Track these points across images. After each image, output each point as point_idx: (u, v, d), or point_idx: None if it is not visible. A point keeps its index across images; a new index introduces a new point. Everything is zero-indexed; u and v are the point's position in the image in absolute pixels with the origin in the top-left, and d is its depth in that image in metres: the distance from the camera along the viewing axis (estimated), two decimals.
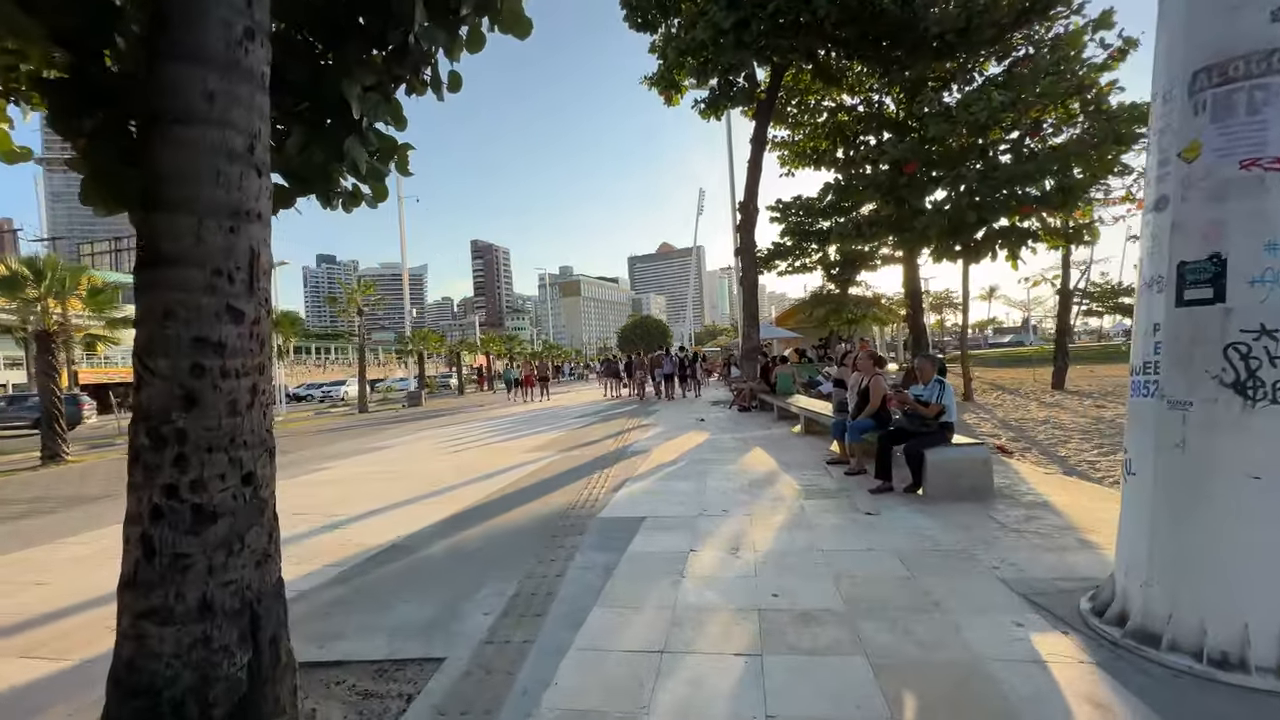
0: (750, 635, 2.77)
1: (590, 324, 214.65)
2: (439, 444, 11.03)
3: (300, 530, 5.08)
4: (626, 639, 2.81)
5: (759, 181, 15.43)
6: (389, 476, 7.85)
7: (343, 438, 13.50)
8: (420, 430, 14.02)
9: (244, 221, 2.03)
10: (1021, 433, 8.89)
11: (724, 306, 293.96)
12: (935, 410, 5.09)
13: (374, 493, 6.66)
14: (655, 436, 9.95)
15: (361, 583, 3.83)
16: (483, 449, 9.95)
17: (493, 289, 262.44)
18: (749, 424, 11.13)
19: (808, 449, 7.86)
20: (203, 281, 1.92)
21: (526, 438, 11.11)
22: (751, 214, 15.58)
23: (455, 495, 6.34)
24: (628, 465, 7.34)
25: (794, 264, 28.05)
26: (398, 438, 12.69)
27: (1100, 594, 2.73)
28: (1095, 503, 4.63)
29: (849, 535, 4.17)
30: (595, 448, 9.06)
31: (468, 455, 9.27)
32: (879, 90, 16.25)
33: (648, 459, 7.70)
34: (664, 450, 8.37)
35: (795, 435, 9.23)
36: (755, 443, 8.65)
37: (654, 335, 75.67)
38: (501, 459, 8.56)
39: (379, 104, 2.99)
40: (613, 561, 3.85)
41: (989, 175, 10.88)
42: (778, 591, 3.24)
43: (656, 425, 11.66)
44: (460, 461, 8.67)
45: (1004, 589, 3.14)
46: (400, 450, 10.49)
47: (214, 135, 1.95)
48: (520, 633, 2.95)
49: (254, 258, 2.08)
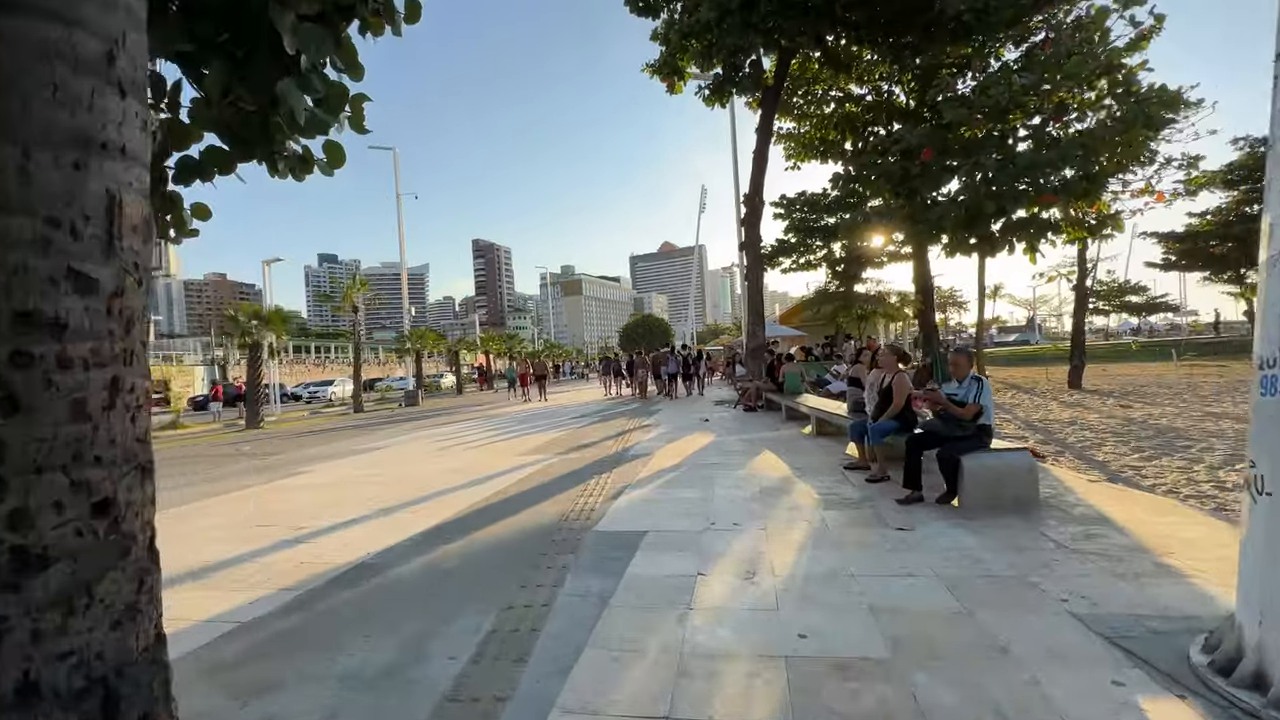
0: (777, 693, 2.22)
1: (592, 323, 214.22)
2: (430, 445, 10.50)
3: (259, 546, 4.55)
4: (623, 696, 2.27)
5: (765, 173, 14.86)
6: (371, 481, 7.32)
7: (332, 438, 12.98)
8: (414, 430, 13.50)
9: (96, 155, 1.48)
10: (1049, 435, 8.33)
11: (725, 305, 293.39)
12: (972, 411, 4.54)
13: (352, 499, 6.13)
14: (657, 438, 9.41)
15: (315, 612, 3.29)
16: (475, 450, 9.42)
17: (494, 288, 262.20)
18: (756, 424, 10.58)
19: (821, 452, 7.31)
20: (31, 234, 1.39)
21: (522, 438, 10.58)
22: (757, 207, 15.02)
23: (440, 503, 5.81)
24: (627, 470, 6.80)
25: (798, 261, 27.51)
26: (389, 438, 12.17)
27: (1220, 644, 2.17)
28: (1157, 517, 4.07)
29: (881, 556, 3.62)
30: (593, 450, 8.53)
31: (458, 458, 8.74)
32: (889, 79, 15.69)
33: (649, 463, 7.16)
34: (667, 453, 7.83)
35: (806, 437, 8.68)
36: (764, 445, 8.10)
37: (656, 334, 75.09)
38: (493, 462, 8.03)
39: (323, 41, 2.44)
40: (609, 588, 3.31)
41: (1008, 163, 10.31)
42: (805, 631, 2.70)
43: (659, 426, 11.12)
44: (449, 465, 8.14)
45: (1080, 629, 2.59)
46: (389, 452, 9.96)
47: (51, 32, 1.41)
48: (494, 684, 2.41)
49: (113, 205, 1.54)
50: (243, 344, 15.61)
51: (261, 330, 15.70)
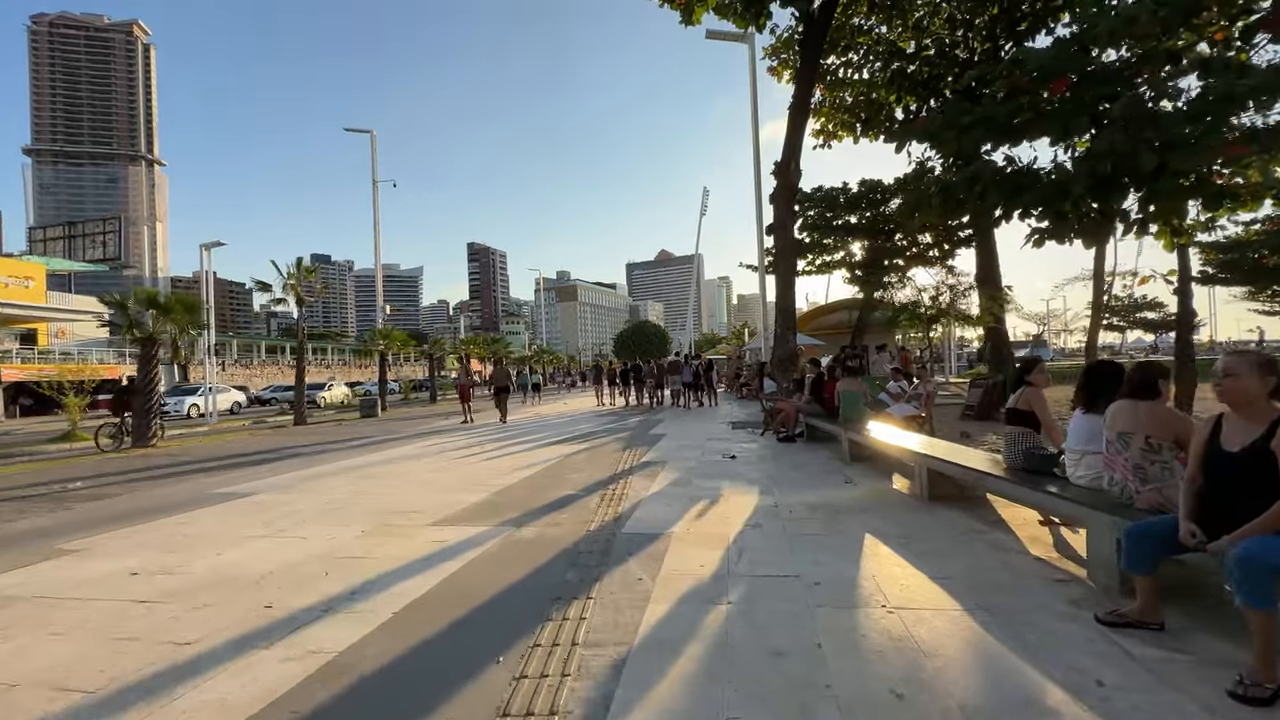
0: None
1: (587, 330, 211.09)
2: (332, 493, 7.14)
3: None
4: None
5: (803, 134, 11.65)
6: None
7: (212, 472, 9.59)
8: (340, 459, 10.07)
9: None
10: None
11: (721, 315, 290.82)
12: None
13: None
14: (668, 494, 6.08)
15: None
16: (360, 520, 6.06)
17: (489, 292, 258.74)
18: (807, 466, 7.29)
19: (984, 547, 3.99)
20: None
21: (451, 495, 7.24)
22: (792, 180, 11.75)
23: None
24: (619, 592, 3.47)
25: (813, 263, 24.35)
26: (274, 474, 8.77)
27: None
28: None
29: None
30: (561, 528, 5.11)
31: (318, 538, 5.35)
32: (959, 25, 12.56)
33: (661, 569, 3.82)
34: (689, 539, 4.49)
35: (911, 499, 5.39)
36: (851, 517, 4.80)
37: (653, 341, 71.70)
38: (393, 549, 4.65)
39: None
40: None
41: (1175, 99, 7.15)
42: None
43: (665, 463, 7.80)
44: (322, 548, 4.75)
45: None
46: (211, 521, 6.59)
47: None
48: None
49: None
50: (135, 338, 12.20)
51: (160, 321, 12.32)
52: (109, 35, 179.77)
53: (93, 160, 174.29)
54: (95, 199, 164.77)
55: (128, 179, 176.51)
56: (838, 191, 21.79)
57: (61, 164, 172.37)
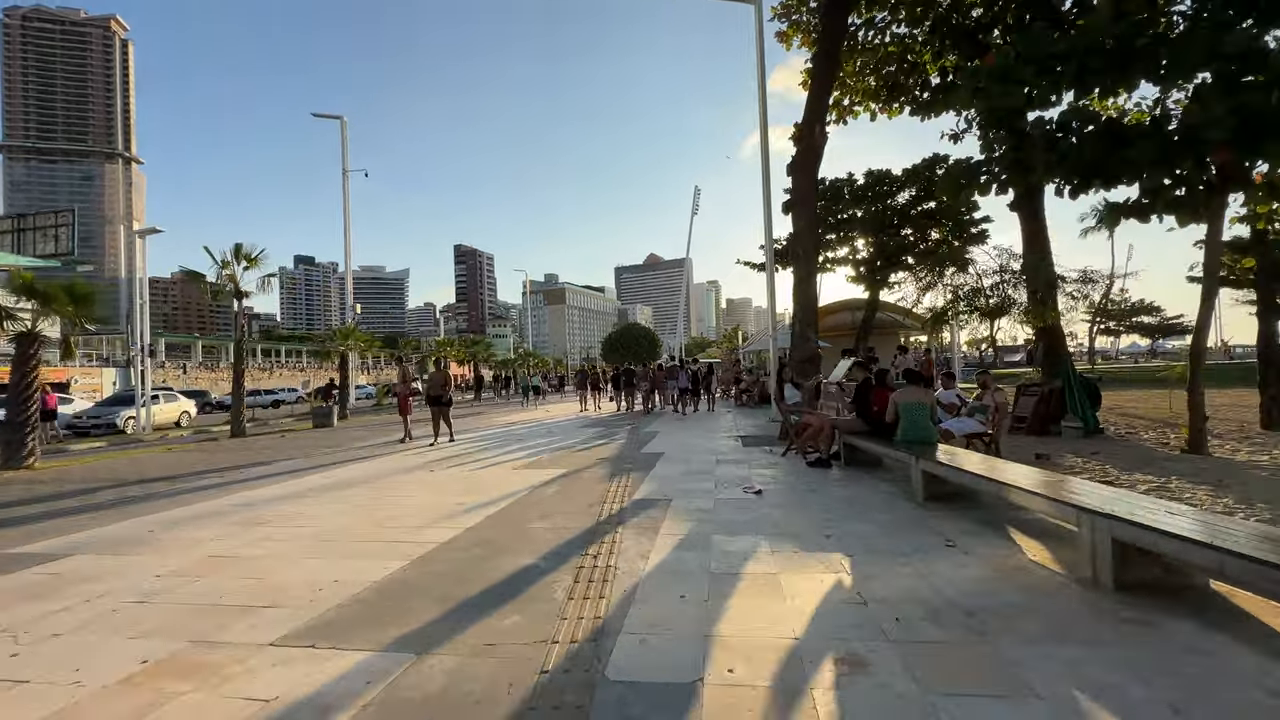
0: None
1: (574, 333, 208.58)
2: (165, 561, 4.94)
3: None
4: None
5: (830, 91, 9.62)
6: None
7: (79, 509, 7.32)
8: (230, 493, 7.82)
9: None
10: None
11: (710, 319, 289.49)
12: None
13: None
14: (678, 573, 3.96)
15: None
16: (201, 623, 3.90)
17: (476, 295, 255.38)
18: (869, 509, 5.18)
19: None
20: None
21: (351, 564, 5.08)
22: (818, 142, 9.70)
23: None
24: None
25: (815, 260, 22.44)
26: (163, 514, 6.54)
27: None
28: None
29: None
30: (500, 658, 3.01)
31: (93, 682, 3.22)
32: None
33: None
34: (737, 703, 2.38)
35: (1070, 581, 3.29)
36: (1013, 638, 2.71)
37: (642, 344, 69.57)
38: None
39: None
40: None
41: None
42: None
43: (668, 502, 5.66)
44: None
45: None
46: (60, 582, 4.40)
47: None
48: None
49: None
50: (8, 333, 9.88)
51: (42, 313, 10.00)
52: (85, 30, 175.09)
53: (67, 157, 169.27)
54: (69, 197, 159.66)
55: (104, 177, 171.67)
56: (843, 183, 19.98)
57: (34, 160, 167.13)
